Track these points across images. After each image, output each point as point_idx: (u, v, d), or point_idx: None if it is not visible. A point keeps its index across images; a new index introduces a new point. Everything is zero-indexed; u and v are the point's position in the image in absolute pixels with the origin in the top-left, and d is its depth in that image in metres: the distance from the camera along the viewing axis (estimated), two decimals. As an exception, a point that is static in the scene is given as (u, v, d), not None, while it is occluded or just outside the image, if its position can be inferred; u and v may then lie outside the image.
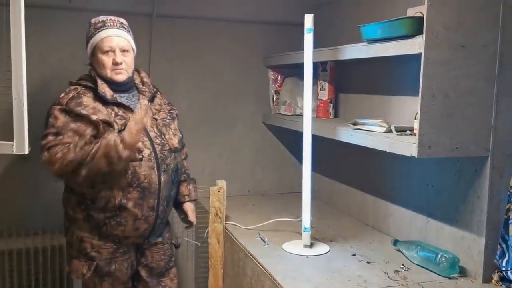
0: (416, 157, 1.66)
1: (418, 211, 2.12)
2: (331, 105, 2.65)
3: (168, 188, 2.04)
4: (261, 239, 2.25)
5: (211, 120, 2.96)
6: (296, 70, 2.66)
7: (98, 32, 1.96)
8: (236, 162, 3.04)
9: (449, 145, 1.69)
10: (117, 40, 1.98)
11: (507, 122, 1.73)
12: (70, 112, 1.90)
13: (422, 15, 1.65)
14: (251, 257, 2.07)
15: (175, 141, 2.09)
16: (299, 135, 2.18)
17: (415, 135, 1.69)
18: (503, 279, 1.75)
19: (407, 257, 2.01)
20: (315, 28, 2.02)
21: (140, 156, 1.93)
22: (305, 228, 2.11)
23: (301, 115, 2.30)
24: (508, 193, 1.74)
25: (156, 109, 2.12)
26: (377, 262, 1.99)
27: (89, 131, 1.88)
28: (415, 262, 1.96)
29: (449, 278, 1.82)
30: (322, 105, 2.65)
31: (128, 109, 1.99)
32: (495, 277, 1.77)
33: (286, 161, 3.12)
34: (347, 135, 2.08)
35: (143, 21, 2.68)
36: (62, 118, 1.89)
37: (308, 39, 2.02)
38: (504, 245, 1.74)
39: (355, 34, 2.01)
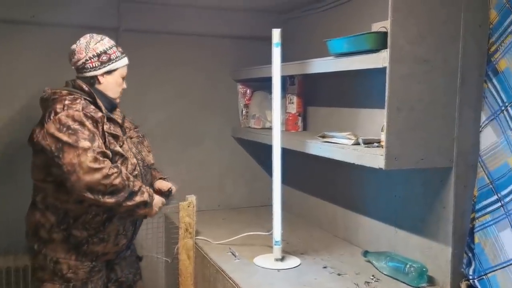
0: (384, 169, 1.68)
1: (387, 222, 2.15)
2: (300, 118, 2.67)
3: None
4: (232, 253, 2.23)
5: (180, 135, 2.94)
6: (265, 84, 2.67)
7: (124, 57, 2.07)
8: (206, 176, 3.02)
9: (415, 157, 1.72)
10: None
11: (469, 133, 1.78)
12: (90, 118, 1.87)
13: (386, 30, 1.68)
14: (222, 272, 2.05)
15: (150, 158, 2.16)
16: (268, 148, 2.18)
17: (382, 147, 1.72)
18: (471, 287, 1.78)
19: (377, 268, 2.03)
20: (283, 42, 2.04)
21: (136, 172, 1.98)
22: (276, 241, 2.10)
23: (270, 129, 2.31)
24: (473, 202, 1.78)
25: (127, 127, 2.14)
26: (348, 274, 2.00)
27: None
28: (384, 273, 1.98)
29: (418, 287, 1.84)
30: (291, 118, 2.67)
31: (117, 124, 2.03)
32: (463, 285, 1.80)
33: (256, 175, 3.12)
34: (316, 148, 2.09)
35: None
36: (88, 124, 1.85)
37: (276, 53, 2.04)
38: (470, 254, 1.77)
39: (323, 48, 2.03)
